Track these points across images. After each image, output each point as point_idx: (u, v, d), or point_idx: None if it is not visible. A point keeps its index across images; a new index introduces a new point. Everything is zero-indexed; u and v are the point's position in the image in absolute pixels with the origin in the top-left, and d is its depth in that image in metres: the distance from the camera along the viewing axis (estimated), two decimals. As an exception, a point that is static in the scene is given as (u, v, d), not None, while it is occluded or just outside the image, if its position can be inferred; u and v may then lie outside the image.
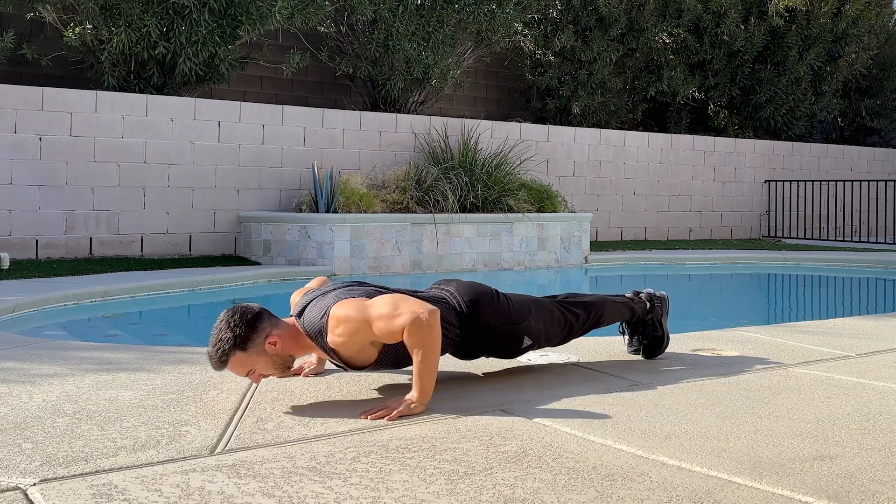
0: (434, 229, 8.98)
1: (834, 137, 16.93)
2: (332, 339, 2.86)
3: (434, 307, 2.85)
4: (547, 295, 3.56)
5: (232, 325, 2.80)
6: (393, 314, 2.81)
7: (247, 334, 2.80)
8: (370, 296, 2.95)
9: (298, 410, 2.82)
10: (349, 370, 3.05)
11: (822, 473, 2.23)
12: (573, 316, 3.43)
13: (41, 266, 7.49)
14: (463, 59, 11.69)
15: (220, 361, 2.80)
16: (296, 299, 3.19)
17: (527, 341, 3.28)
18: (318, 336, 2.90)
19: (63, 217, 8.21)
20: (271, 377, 3.15)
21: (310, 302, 2.97)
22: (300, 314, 2.97)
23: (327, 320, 2.86)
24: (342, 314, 2.84)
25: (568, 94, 13.03)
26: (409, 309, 2.80)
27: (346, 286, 3.05)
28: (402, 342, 2.86)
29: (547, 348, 3.88)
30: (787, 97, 14.48)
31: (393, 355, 2.98)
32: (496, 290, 3.28)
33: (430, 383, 2.81)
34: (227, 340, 2.78)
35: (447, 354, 3.22)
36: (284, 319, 2.97)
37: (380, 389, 3.12)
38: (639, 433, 2.58)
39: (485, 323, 3.16)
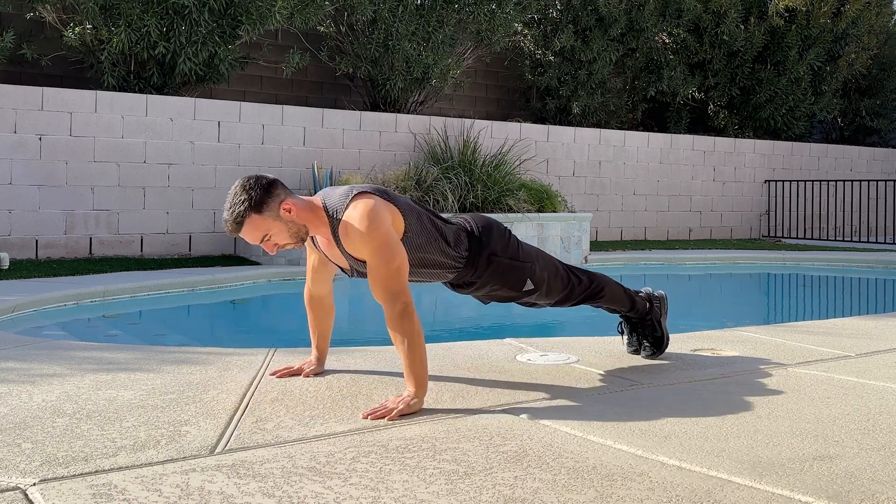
0: (434, 229, 8.97)
1: (834, 137, 16.94)
2: (343, 222, 2.87)
3: (411, 299, 2.84)
4: None
5: (248, 187, 2.83)
6: (385, 280, 2.80)
7: (262, 197, 2.82)
8: (399, 205, 2.94)
9: (298, 410, 2.82)
10: (352, 274, 3.05)
11: (821, 473, 2.23)
12: (576, 278, 3.45)
13: (41, 266, 7.49)
14: (463, 59, 11.69)
15: (236, 223, 2.82)
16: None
17: (529, 284, 3.28)
18: (334, 213, 2.91)
19: (63, 217, 8.22)
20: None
21: (338, 187, 3.01)
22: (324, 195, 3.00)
23: (349, 203, 2.88)
24: (361, 220, 2.84)
25: (568, 94, 13.03)
26: (399, 289, 2.80)
27: (378, 188, 3.05)
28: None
29: (547, 350, 3.88)
30: (787, 97, 14.48)
31: None
32: (508, 229, 3.32)
33: (423, 374, 2.81)
34: (243, 202, 2.80)
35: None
36: (304, 196, 3.00)
37: (380, 389, 3.12)
38: (639, 433, 2.58)
39: (493, 250, 3.18)
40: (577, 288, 3.45)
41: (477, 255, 3.15)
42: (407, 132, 10.43)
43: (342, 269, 3.10)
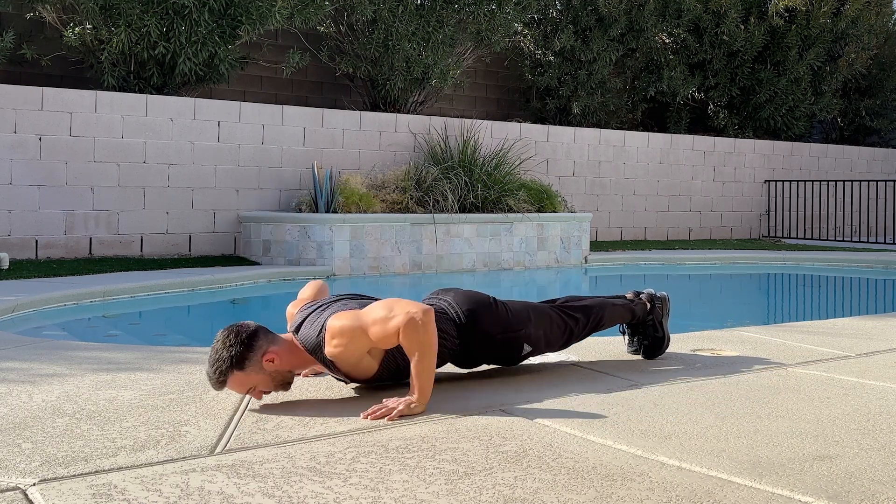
0: (434, 229, 8.98)
1: (834, 137, 16.94)
2: (329, 350, 2.85)
3: (428, 307, 2.85)
4: (546, 299, 3.56)
5: (228, 344, 2.78)
6: (387, 317, 2.81)
7: (244, 353, 2.78)
8: (364, 307, 2.96)
9: (298, 410, 2.82)
10: (350, 383, 3.05)
11: (821, 473, 2.23)
12: (573, 321, 3.43)
13: (41, 266, 7.49)
14: (463, 59, 11.69)
15: (219, 382, 2.79)
16: (292, 311, 3.17)
17: (526, 348, 3.29)
18: (315, 350, 2.89)
19: (63, 217, 8.21)
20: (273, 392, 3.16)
21: (306, 318, 2.96)
22: (297, 329, 2.96)
23: (324, 335, 2.85)
24: (338, 325, 2.83)
25: (568, 94, 13.03)
26: (403, 310, 2.81)
27: (342, 300, 3.04)
28: (401, 350, 2.87)
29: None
30: (787, 97, 14.48)
31: (394, 366, 2.98)
32: (494, 299, 3.28)
33: (428, 382, 2.81)
34: (225, 361, 2.76)
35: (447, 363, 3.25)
36: (281, 335, 2.96)
37: (380, 390, 3.12)
38: (639, 433, 2.58)
39: (484, 332, 3.17)
40: (576, 329, 3.45)
41: (469, 342, 3.16)
42: (407, 132, 10.43)
43: (338, 378, 3.10)
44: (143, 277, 7.05)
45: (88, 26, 8.79)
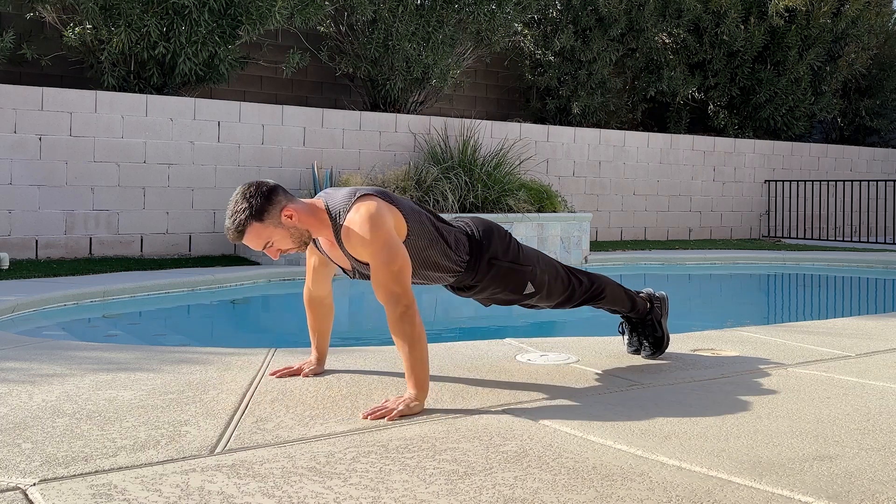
0: (434, 229, 8.97)
1: (834, 137, 16.94)
2: (345, 226, 2.87)
3: (413, 299, 2.85)
4: None
5: (248, 196, 2.82)
6: (387, 282, 2.80)
7: (263, 205, 2.81)
8: (402, 208, 2.94)
9: (298, 410, 2.82)
10: (354, 275, 3.04)
11: (821, 473, 2.23)
12: (576, 280, 3.45)
13: (41, 266, 7.49)
14: (463, 59, 11.70)
15: (238, 232, 2.82)
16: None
17: (530, 287, 3.28)
18: (336, 216, 2.91)
19: (63, 217, 8.22)
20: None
21: (341, 190, 3.01)
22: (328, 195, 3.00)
23: (352, 206, 2.87)
24: (363, 222, 2.84)
25: (568, 94, 13.03)
26: (401, 294, 2.80)
27: (384, 190, 3.07)
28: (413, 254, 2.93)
29: (547, 350, 3.88)
30: (787, 97, 14.49)
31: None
32: (509, 232, 3.32)
33: (424, 376, 2.81)
34: (244, 211, 2.80)
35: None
36: (305, 199, 3.00)
37: (380, 390, 3.12)
38: (639, 433, 2.58)
39: (493, 255, 3.17)
40: (578, 290, 3.45)
41: (478, 258, 3.15)
42: (407, 132, 10.43)
43: (344, 270, 3.10)
44: (142, 277, 7.04)
45: (88, 26, 8.79)
